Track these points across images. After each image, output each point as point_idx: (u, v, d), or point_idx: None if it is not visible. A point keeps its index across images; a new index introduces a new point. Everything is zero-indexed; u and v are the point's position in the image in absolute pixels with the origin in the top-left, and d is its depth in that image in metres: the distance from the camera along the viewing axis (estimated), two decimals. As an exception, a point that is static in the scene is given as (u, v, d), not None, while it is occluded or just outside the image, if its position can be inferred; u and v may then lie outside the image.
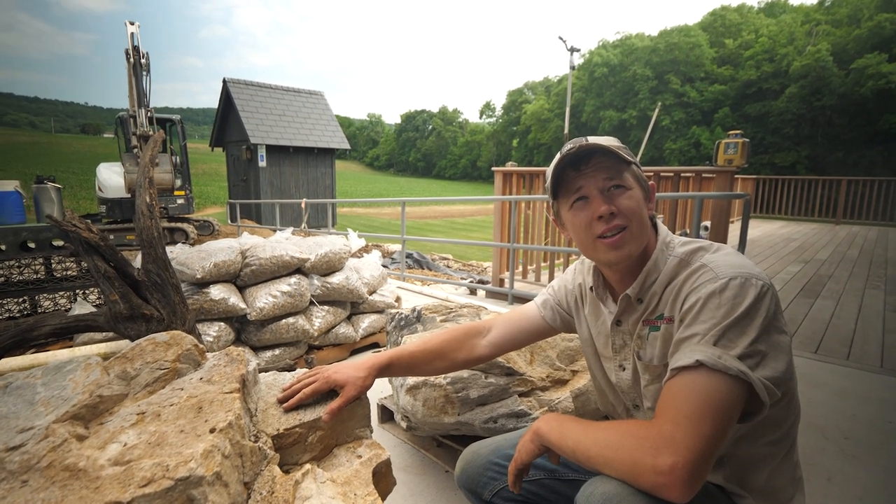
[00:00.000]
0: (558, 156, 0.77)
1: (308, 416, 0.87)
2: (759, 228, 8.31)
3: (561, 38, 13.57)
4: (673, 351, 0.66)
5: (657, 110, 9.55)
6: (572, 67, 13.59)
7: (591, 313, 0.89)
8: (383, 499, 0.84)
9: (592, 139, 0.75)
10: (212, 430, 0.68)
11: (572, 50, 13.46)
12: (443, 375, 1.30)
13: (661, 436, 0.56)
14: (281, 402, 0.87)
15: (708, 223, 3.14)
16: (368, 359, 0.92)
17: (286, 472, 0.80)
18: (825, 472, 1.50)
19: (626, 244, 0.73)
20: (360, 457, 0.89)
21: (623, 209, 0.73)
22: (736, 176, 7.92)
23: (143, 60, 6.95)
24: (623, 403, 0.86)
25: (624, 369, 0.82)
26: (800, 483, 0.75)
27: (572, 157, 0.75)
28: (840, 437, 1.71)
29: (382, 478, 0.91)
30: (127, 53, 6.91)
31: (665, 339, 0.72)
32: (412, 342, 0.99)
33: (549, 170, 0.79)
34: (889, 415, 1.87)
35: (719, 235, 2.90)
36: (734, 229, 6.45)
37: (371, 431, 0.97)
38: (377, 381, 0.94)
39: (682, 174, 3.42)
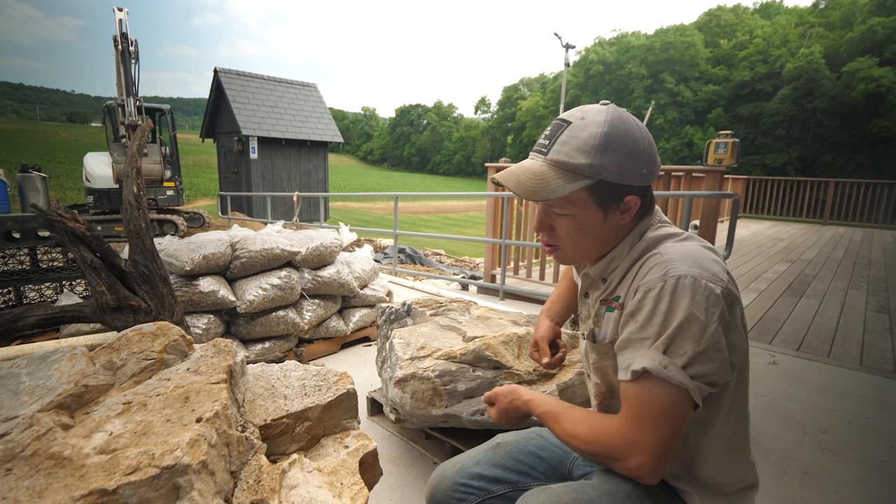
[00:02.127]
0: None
1: (295, 406, 0.87)
2: (748, 228, 8.42)
3: (556, 35, 13.55)
4: (623, 346, 0.67)
5: (651, 109, 9.58)
6: (567, 64, 13.58)
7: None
8: (370, 489, 0.85)
9: (520, 181, 0.72)
10: (198, 420, 0.68)
11: (567, 46, 13.45)
12: (431, 369, 1.33)
13: (625, 444, 0.64)
14: (548, 366, 0.97)
15: (697, 222, 3.17)
16: (546, 314, 1.05)
17: (273, 461, 0.81)
18: (802, 465, 1.55)
19: (559, 258, 0.79)
20: (347, 447, 0.90)
21: (556, 232, 0.76)
22: (726, 176, 8.00)
23: (131, 48, 6.81)
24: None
25: (584, 337, 0.85)
26: (752, 484, 0.75)
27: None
28: (818, 431, 1.76)
29: (369, 468, 0.92)
30: (115, 40, 6.77)
31: (616, 322, 0.73)
32: (555, 291, 1.08)
33: None
34: (866, 411, 1.92)
35: (708, 234, 2.94)
36: (723, 229, 6.53)
37: (358, 422, 0.98)
38: (367, 374, 0.95)
39: (673, 173, 3.46)
